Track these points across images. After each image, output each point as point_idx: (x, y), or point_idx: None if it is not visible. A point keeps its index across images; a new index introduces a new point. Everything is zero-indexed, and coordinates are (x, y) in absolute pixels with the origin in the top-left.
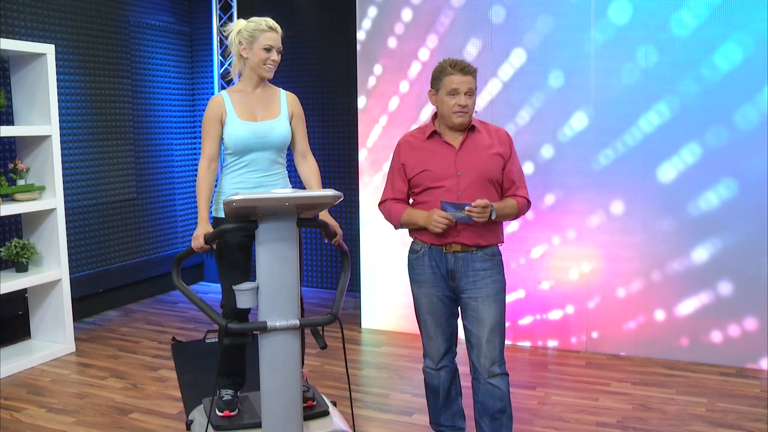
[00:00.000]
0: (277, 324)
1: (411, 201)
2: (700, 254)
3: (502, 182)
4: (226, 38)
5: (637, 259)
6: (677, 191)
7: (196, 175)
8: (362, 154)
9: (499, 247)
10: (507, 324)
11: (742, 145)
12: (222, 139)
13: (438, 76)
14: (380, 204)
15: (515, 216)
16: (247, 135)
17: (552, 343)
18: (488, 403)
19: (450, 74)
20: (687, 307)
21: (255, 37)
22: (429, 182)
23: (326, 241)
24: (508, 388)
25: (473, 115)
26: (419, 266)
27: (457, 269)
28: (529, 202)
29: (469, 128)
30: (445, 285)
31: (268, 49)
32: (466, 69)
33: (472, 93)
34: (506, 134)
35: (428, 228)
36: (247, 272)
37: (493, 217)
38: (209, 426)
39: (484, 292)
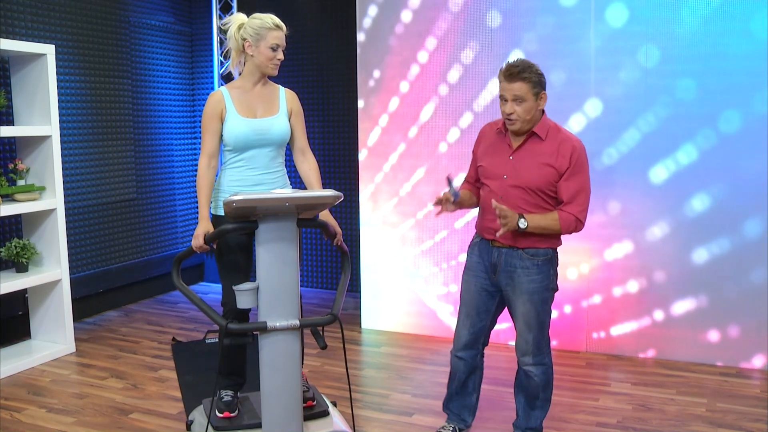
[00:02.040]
0: (277, 324)
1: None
2: (700, 254)
3: (556, 195)
4: (225, 33)
5: (636, 259)
6: (677, 191)
7: (196, 176)
8: (362, 154)
9: (546, 250)
10: (503, 326)
11: (742, 145)
12: (221, 135)
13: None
14: None
15: (558, 231)
16: (247, 132)
17: (552, 344)
18: (524, 384)
19: (500, 80)
20: (687, 307)
21: (262, 35)
22: (482, 177)
23: (326, 240)
24: (547, 377)
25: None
26: (471, 254)
27: (499, 263)
28: (578, 221)
29: (530, 133)
30: (487, 277)
31: (274, 48)
32: (512, 75)
33: (520, 100)
34: (572, 147)
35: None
36: (248, 272)
37: (522, 227)
38: (209, 426)
39: (519, 289)
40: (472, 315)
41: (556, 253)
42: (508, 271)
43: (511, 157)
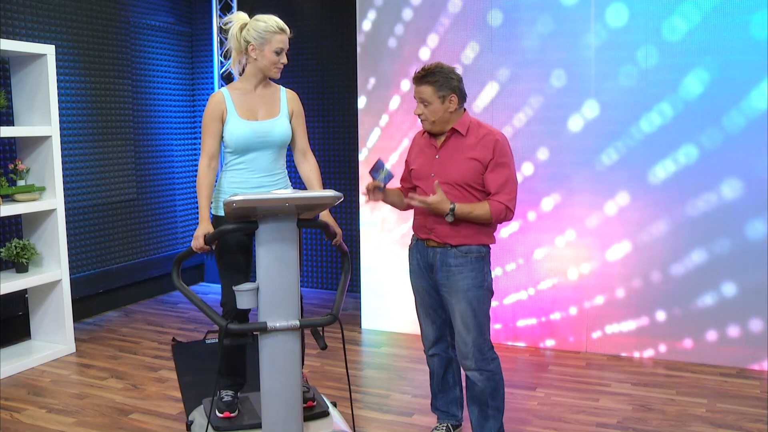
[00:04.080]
0: (278, 324)
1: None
2: (701, 255)
3: (483, 188)
4: (226, 32)
5: (636, 260)
6: (677, 192)
7: (196, 176)
8: (362, 154)
9: (479, 247)
10: (500, 326)
11: (743, 145)
12: (222, 137)
13: None
14: None
15: (488, 221)
16: (248, 134)
17: (552, 344)
18: (470, 394)
19: (414, 83)
20: (687, 307)
21: (266, 39)
22: (414, 179)
23: (326, 241)
24: (494, 384)
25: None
26: (411, 257)
27: (435, 263)
28: (508, 209)
29: (451, 131)
30: (429, 277)
31: (278, 52)
32: (417, 79)
33: (426, 103)
34: (494, 140)
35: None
36: (248, 272)
37: (449, 220)
38: (209, 427)
39: (454, 288)
40: (431, 313)
41: (489, 251)
42: (444, 271)
43: (437, 156)
